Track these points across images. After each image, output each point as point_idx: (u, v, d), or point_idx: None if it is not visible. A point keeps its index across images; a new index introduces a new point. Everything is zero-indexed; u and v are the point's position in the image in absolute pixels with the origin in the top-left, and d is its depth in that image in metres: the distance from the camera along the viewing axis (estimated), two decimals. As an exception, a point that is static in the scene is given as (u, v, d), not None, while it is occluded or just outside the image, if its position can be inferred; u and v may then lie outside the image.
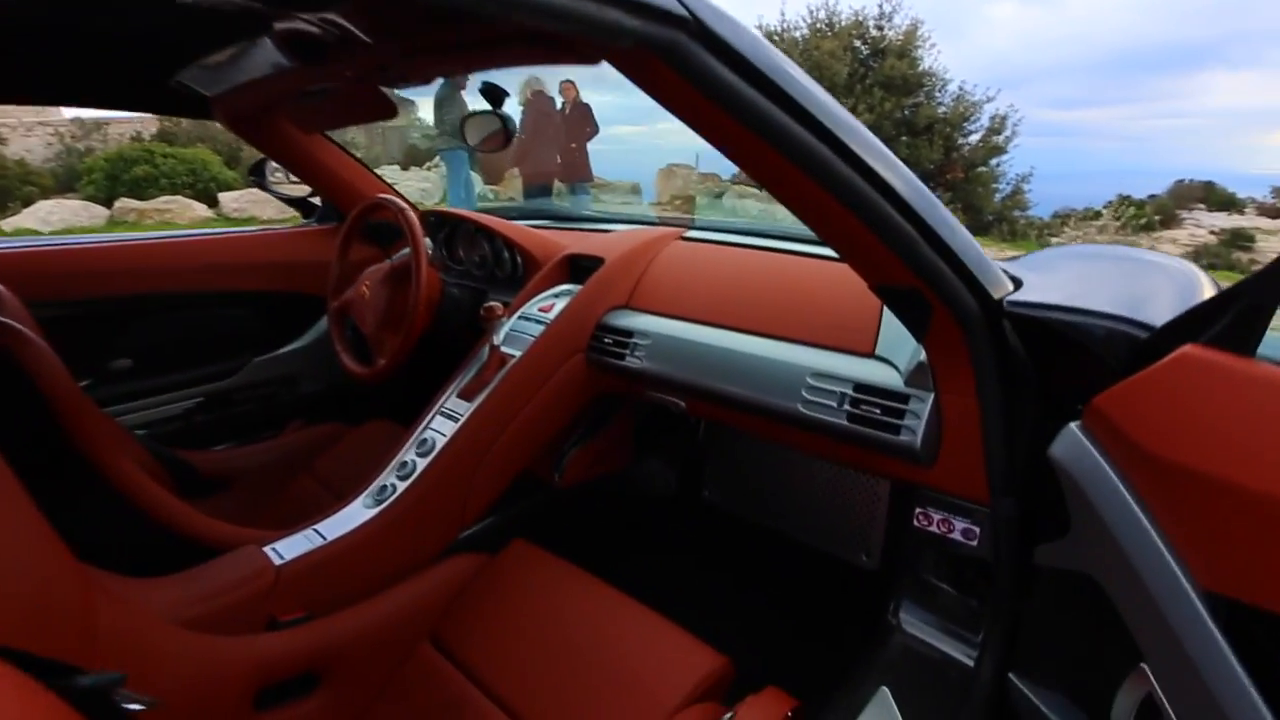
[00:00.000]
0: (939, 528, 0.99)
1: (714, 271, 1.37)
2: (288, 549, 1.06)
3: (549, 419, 1.34)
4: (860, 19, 11.14)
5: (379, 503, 1.16)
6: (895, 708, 0.89)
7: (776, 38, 11.42)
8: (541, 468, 1.50)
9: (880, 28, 11.13)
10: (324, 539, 1.09)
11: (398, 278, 1.41)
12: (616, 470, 1.65)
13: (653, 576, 1.18)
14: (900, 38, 11.00)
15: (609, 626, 1.03)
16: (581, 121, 6.56)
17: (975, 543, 0.95)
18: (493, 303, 1.30)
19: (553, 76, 6.40)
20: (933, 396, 0.93)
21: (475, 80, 1.10)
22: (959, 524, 0.97)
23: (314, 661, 1.00)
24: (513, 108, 1.21)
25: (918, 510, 1.01)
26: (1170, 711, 0.56)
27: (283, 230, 1.85)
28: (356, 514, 1.15)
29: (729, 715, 0.85)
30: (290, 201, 1.86)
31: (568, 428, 1.44)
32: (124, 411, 1.52)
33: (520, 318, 1.39)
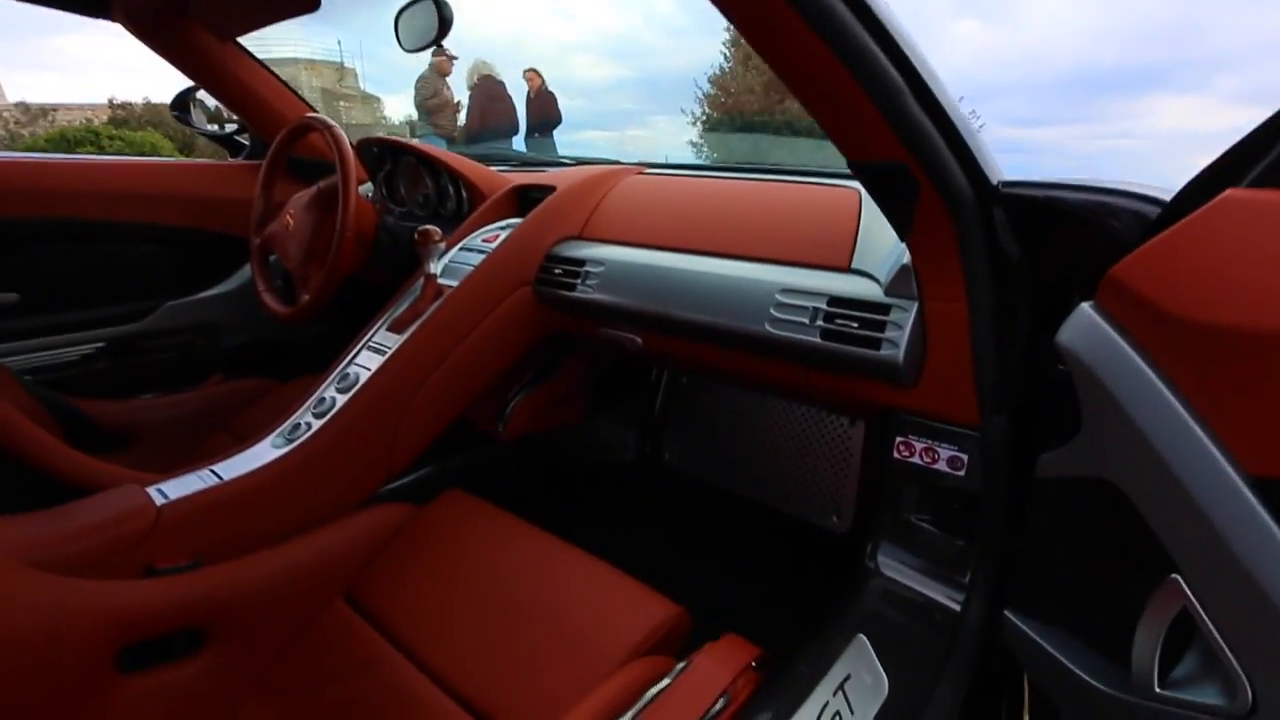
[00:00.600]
0: (922, 458, 0.88)
1: (674, 199, 1.25)
2: (174, 489, 0.90)
3: (491, 357, 1.20)
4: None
5: (289, 441, 1.01)
6: (874, 656, 0.78)
7: (741, 42, 11.51)
8: (483, 418, 1.36)
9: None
10: (220, 479, 0.94)
11: (325, 202, 1.26)
12: (568, 425, 1.52)
13: (605, 541, 1.05)
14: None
15: (549, 578, 0.90)
16: (545, 110, 6.44)
17: (963, 472, 0.85)
18: (429, 227, 1.16)
19: (507, 66, 6.25)
20: (916, 305, 0.83)
21: (459, 68, 0.98)
22: (945, 452, 0.86)
23: (197, 616, 0.84)
24: (460, 93, 1.09)
25: (898, 440, 0.90)
26: (1210, 624, 0.46)
27: (207, 163, 1.67)
28: (262, 453, 1.00)
29: (682, 665, 0.73)
30: (215, 139, 1.70)
31: (513, 370, 1.30)
32: (6, 354, 1.34)
33: (462, 249, 1.25)
